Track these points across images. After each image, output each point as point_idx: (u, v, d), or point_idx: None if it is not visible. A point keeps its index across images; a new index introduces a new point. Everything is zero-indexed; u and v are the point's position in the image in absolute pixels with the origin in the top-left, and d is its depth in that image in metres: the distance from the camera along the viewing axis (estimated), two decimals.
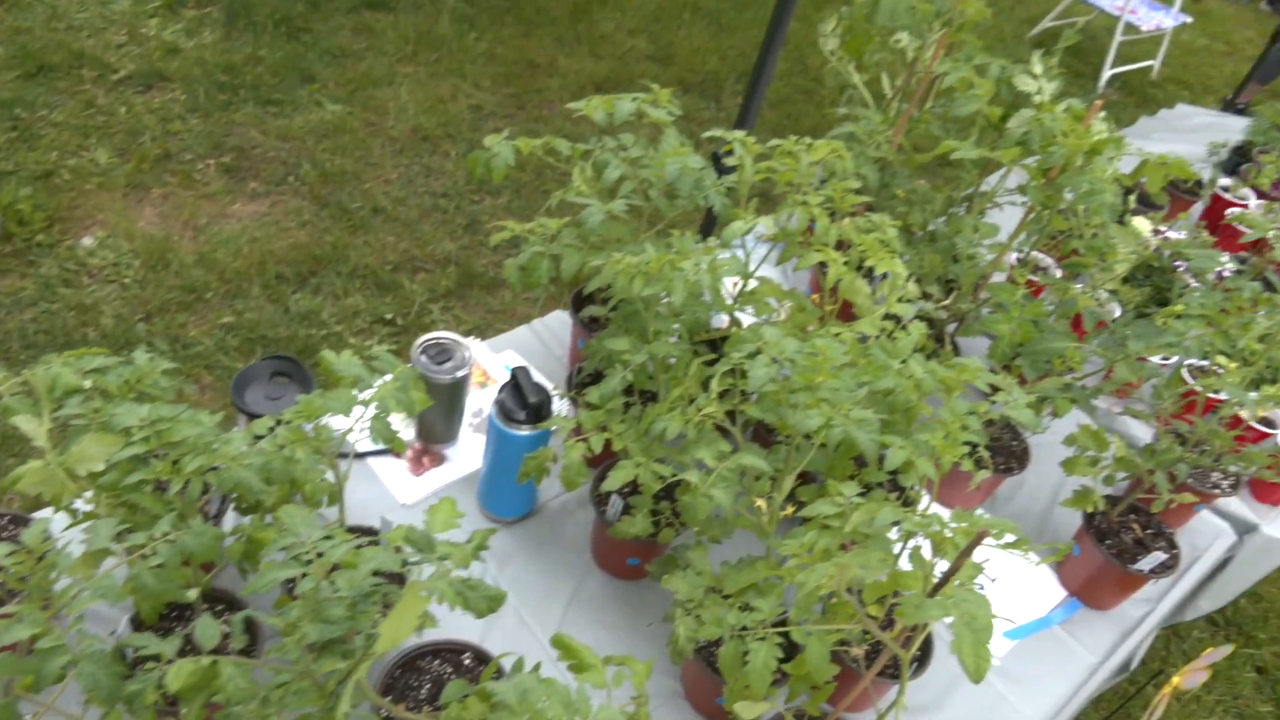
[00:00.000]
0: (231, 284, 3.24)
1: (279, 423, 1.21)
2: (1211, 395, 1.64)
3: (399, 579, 1.34)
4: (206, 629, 0.99)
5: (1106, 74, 5.81)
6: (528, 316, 2.18)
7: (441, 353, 1.63)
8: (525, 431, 1.48)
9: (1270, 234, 1.99)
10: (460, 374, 1.61)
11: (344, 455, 1.29)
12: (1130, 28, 5.76)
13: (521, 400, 1.48)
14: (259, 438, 1.20)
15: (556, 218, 1.58)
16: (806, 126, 4.66)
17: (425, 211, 3.70)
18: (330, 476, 1.28)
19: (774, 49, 2.46)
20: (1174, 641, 2.83)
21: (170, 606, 1.30)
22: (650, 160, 1.48)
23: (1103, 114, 1.71)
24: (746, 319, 1.68)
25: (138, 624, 1.27)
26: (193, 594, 1.17)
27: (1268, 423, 2.01)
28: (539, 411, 1.48)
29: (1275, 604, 3.04)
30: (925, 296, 1.91)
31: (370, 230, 3.55)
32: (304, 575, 0.95)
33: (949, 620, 0.97)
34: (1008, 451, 1.83)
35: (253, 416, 1.44)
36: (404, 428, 1.74)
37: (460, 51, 4.58)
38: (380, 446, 1.66)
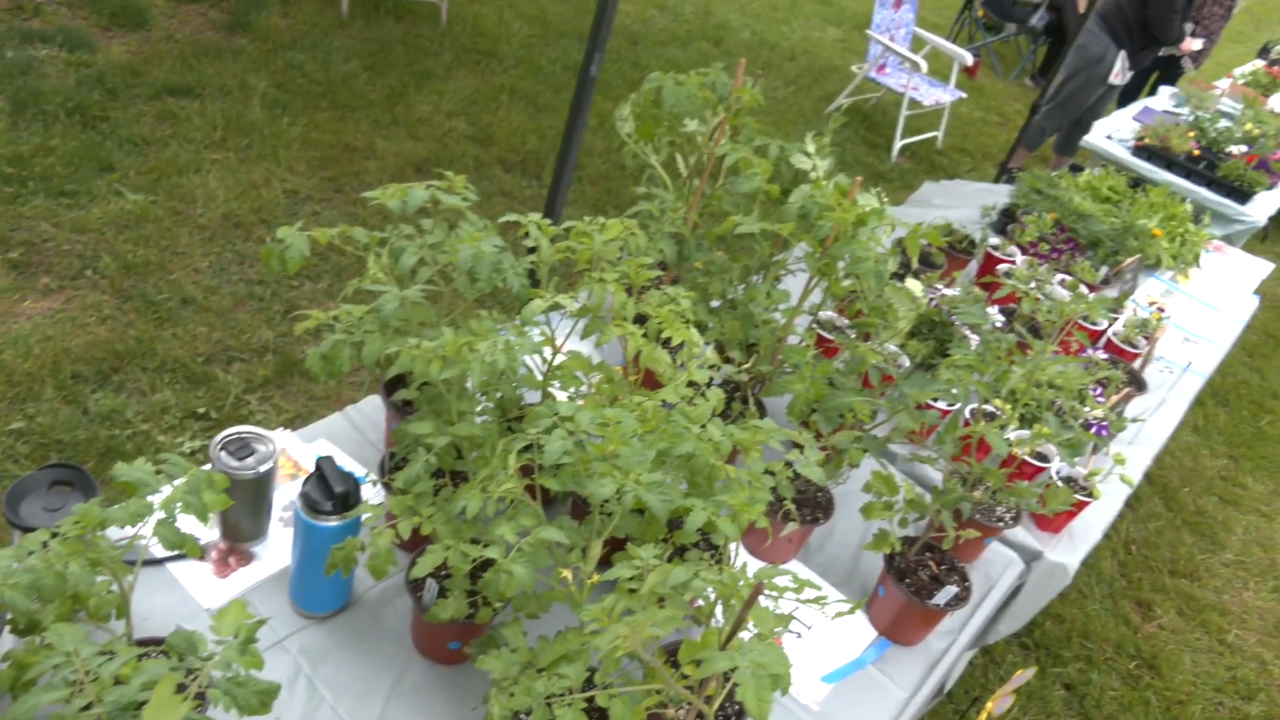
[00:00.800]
0: (21, 386, 3.02)
1: (54, 535, 1.14)
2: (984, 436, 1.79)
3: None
4: None
5: (898, 145, 6.33)
6: (353, 402, 2.14)
7: (243, 447, 1.58)
8: (332, 522, 1.46)
9: (1021, 288, 2.21)
10: (264, 468, 1.56)
11: (131, 563, 1.23)
12: (914, 103, 6.31)
13: (327, 490, 1.45)
14: (31, 553, 1.13)
15: (363, 303, 1.59)
16: (627, 201, 4.82)
17: (240, 300, 3.59)
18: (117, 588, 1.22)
19: (577, 132, 2.57)
20: (991, 668, 3.02)
21: None
22: (448, 246, 1.51)
23: (874, 190, 1.87)
24: (562, 394, 1.72)
25: None
26: None
27: (1041, 458, 2.21)
28: (346, 501, 1.46)
29: (1076, 624, 3.30)
30: (728, 361, 2.01)
31: (179, 322, 3.41)
32: (71, 697, 0.90)
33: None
34: (814, 503, 1.93)
35: (29, 531, 1.35)
36: (207, 529, 1.66)
37: (273, 136, 4.50)
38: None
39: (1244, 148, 4.69)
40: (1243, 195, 4.34)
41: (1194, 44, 5.74)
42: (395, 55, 5.54)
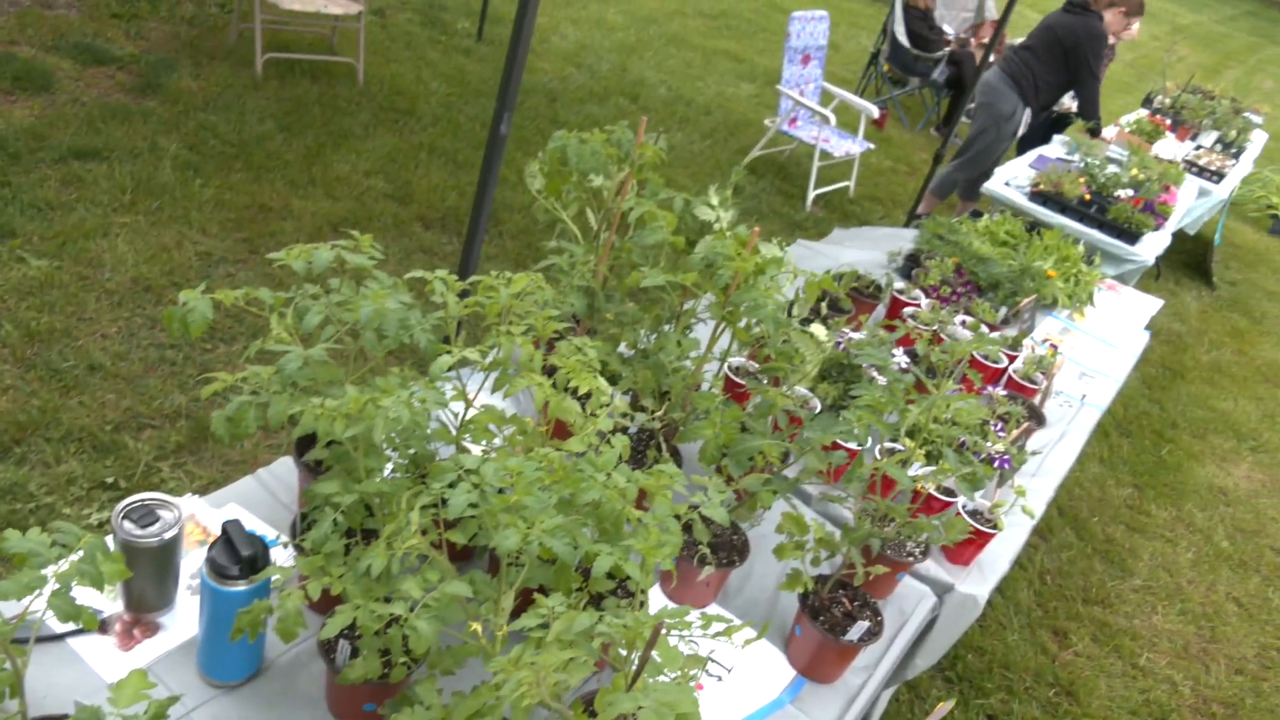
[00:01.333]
0: None
1: None
2: (887, 473, 1.85)
3: None
4: None
5: (811, 194, 6.54)
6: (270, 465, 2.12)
7: (147, 515, 1.55)
8: (239, 587, 1.44)
9: (916, 330, 2.31)
10: (168, 536, 1.54)
11: (24, 641, 1.20)
12: (825, 154, 6.54)
13: (234, 554, 1.43)
14: None
15: (271, 364, 1.58)
16: (545, 254, 4.87)
17: (150, 365, 3.51)
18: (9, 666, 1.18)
19: (488, 190, 2.61)
20: (916, 703, 3.07)
21: None
22: (353, 304, 1.52)
23: (775, 240, 1.95)
24: (476, 447, 1.73)
25: None
26: None
27: (949, 493, 2.29)
28: (254, 564, 1.44)
29: (996, 655, 3.37)
30: (641, 409, 2.05)
31: (86, 390, 3.31)
32: None
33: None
34: (730, 546, 1.97)
35: None
36: (109, 600, 1.62)
37: (185, 198, 4.45)
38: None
39: (1130, 192, 4.97)
40: (1131, 236, 4.59)
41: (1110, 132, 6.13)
42: (311, 115, 5.54)
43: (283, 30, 6.35)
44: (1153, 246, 4.67)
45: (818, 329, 2.15)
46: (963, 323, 2.95)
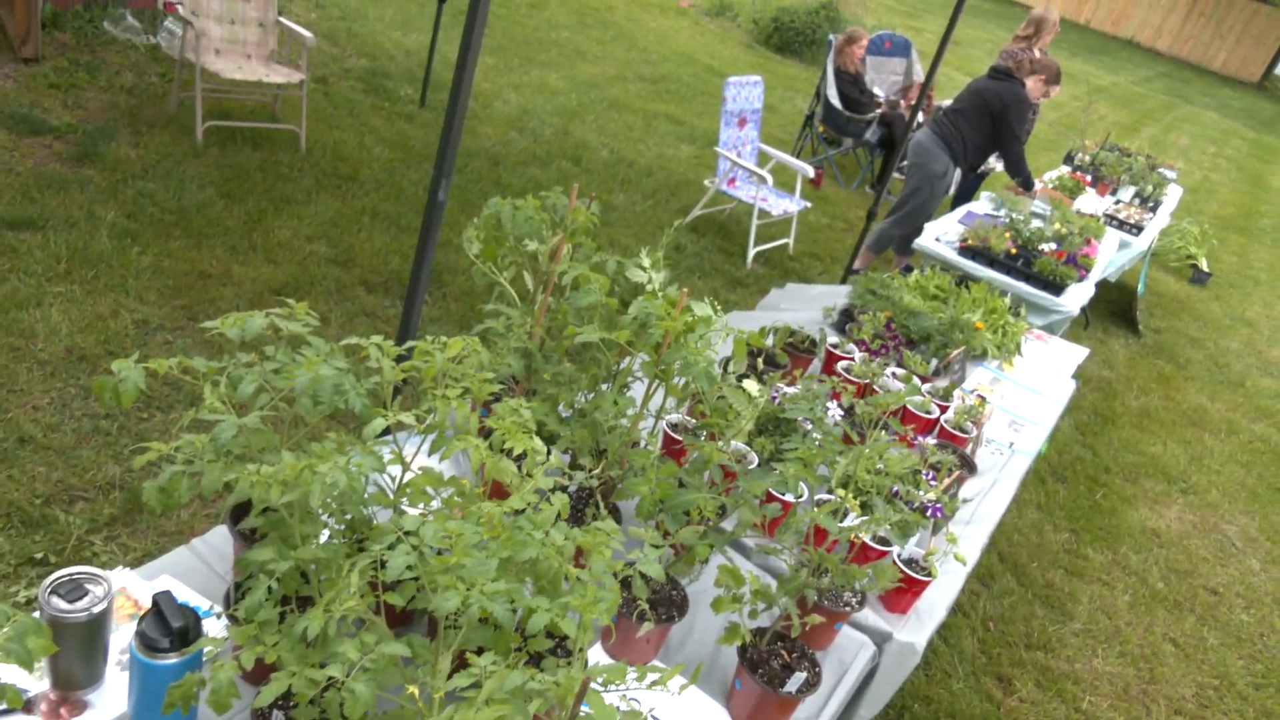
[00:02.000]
0: None
1: None
2: (819, 524, 1.90)
3: None
4: None
5: (751, 252, 6.68)
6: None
7: (75, 589, 1.53)
8: (170, 660, 1.42)
9: (840, 384, 2.38)
10: (97, 610, 1.51)
11: None
12: (764, 213, 6.70)
13: (164, 627, 1.42)
14: None
15: (206, 433, 1.58)
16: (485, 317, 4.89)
17: (84, 436, 3.44)
18: None
19: (428, 255, 2.65)
20: None
21: None
22: (287, 371, 1.54)
23: (706, 299, 2.01)
24: (414, 510, 1.74)
25: None
26: None
27: (885, 542, 2.34)
28: (185, 636, 1.42)
29: (943, 704, 3.41)
30: (579, 467, 2.08)
31: (15, 462, 3.24)
32: None
33: None
34: (669, 601, 1.99)
35: None
36: (35, 679, 1.58)
37: (122, 266, 4.41)
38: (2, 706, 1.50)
39: (1054, 245, 5.17)
40: (1056, 288, 4.77)
41: (1037, 192, 6.39)
42: (253, 181, 5.54)
43: (224, 98, 6.37)
44: (1077, 297, 4.86)
45: (750, 385, 2.21)
46: (894, 375, 3.04)
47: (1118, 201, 7.29)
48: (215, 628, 1.74)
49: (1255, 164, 17.10)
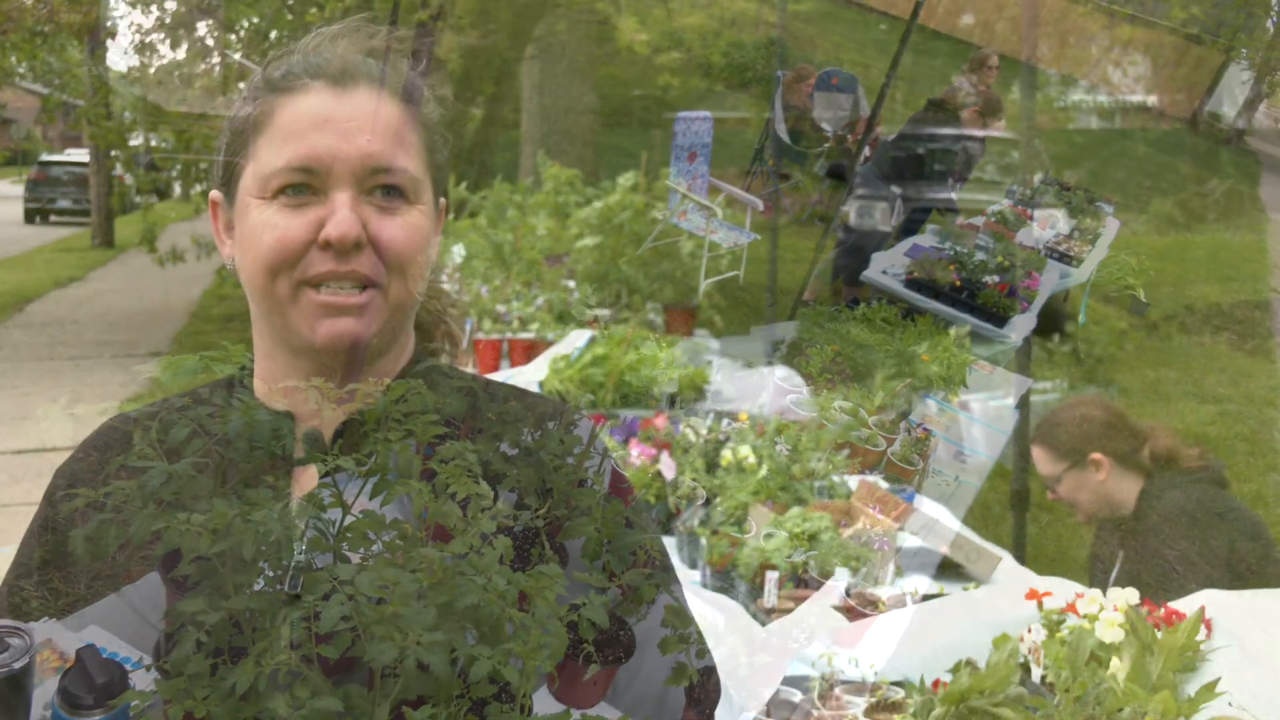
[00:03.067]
0: None
1: None
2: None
3: None
4: None
5: (703, 284, 6.73)
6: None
7: None
8: (96, 717, 1.37)
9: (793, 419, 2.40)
10: (18, 665, 1.45)
11: None
12: (714, 245, 6.76)
13: (88, 682, 1.37)
14: None
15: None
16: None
17: (14, 479, 3.33)
18: None
19: None
20: None
21: None
22: (222, 416, 1.50)
23: (652, 337, 2.01)
24: (354, 555, 1.70)
25: None
26: None
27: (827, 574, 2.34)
28: (110, 691, 1.37)
29: None
30: (525, 507, 2.05)
31: None
32: None
33: None
34: (616, 642, 1.96)
35: None
36: None
37: None
38: None
39: (997, 277, 5.29)
40: (1000, 320, 4.87)
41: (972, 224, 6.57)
42: None
43: None
44: (1020, 328, 4.96)
45: (697, 422, 2.21)
46: (840, 408, 3.07)
47: (1057, 235, 7.47)
48: (144, 680, 1.68)
49: (1190, 196, 17.70)
